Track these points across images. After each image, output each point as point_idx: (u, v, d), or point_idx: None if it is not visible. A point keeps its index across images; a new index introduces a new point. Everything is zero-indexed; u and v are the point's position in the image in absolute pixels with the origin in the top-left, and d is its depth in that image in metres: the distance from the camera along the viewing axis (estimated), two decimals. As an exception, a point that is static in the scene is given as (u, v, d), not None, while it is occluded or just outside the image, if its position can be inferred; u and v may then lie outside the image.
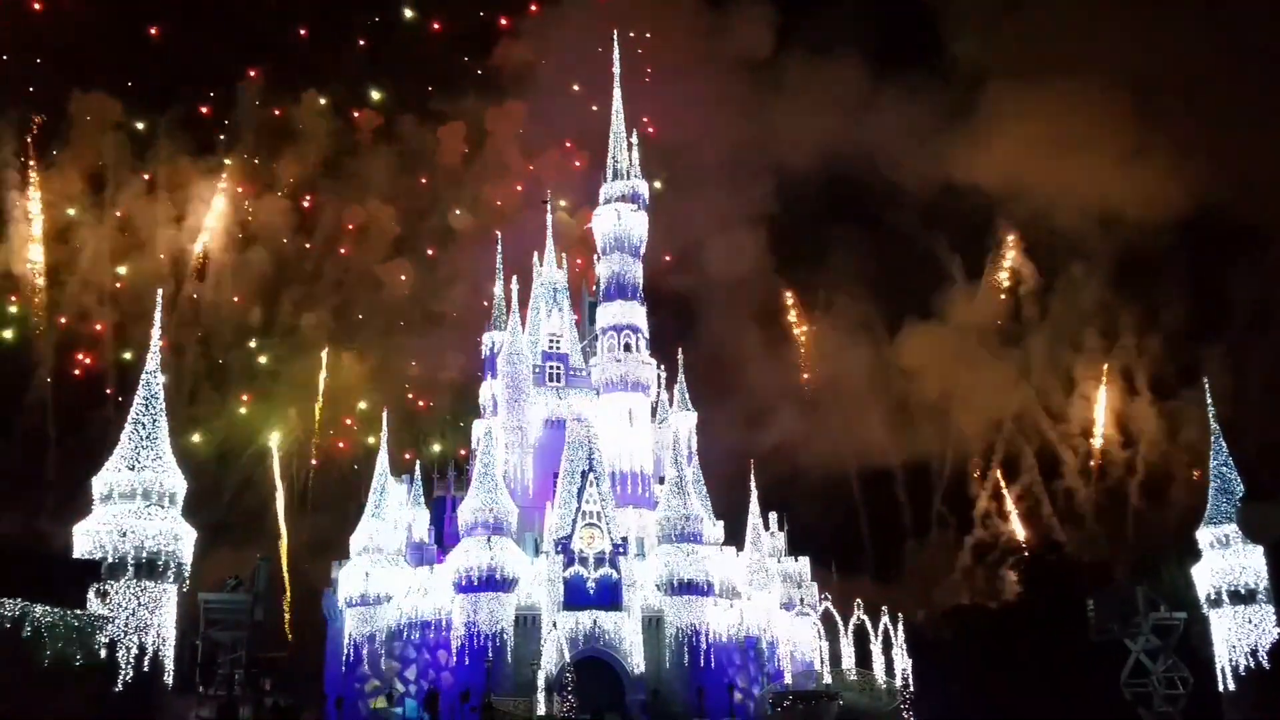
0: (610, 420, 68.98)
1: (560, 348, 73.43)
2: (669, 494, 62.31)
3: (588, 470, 61.88)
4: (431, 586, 60.67)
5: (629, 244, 72.86)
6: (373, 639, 60.54)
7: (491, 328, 76.45)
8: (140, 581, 45.01)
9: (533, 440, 68.83)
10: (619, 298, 71.86)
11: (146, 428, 47.96)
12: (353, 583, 61.79)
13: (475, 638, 56.97)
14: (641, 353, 71.38)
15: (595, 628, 58.07)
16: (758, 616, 63.30)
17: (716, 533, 66.48)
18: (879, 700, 60.17)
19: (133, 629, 43.03)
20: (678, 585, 59.85)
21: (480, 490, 59.63)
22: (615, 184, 73.93)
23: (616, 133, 75.65)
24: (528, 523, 63.46)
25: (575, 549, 59.85)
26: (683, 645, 59.09)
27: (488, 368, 75.23)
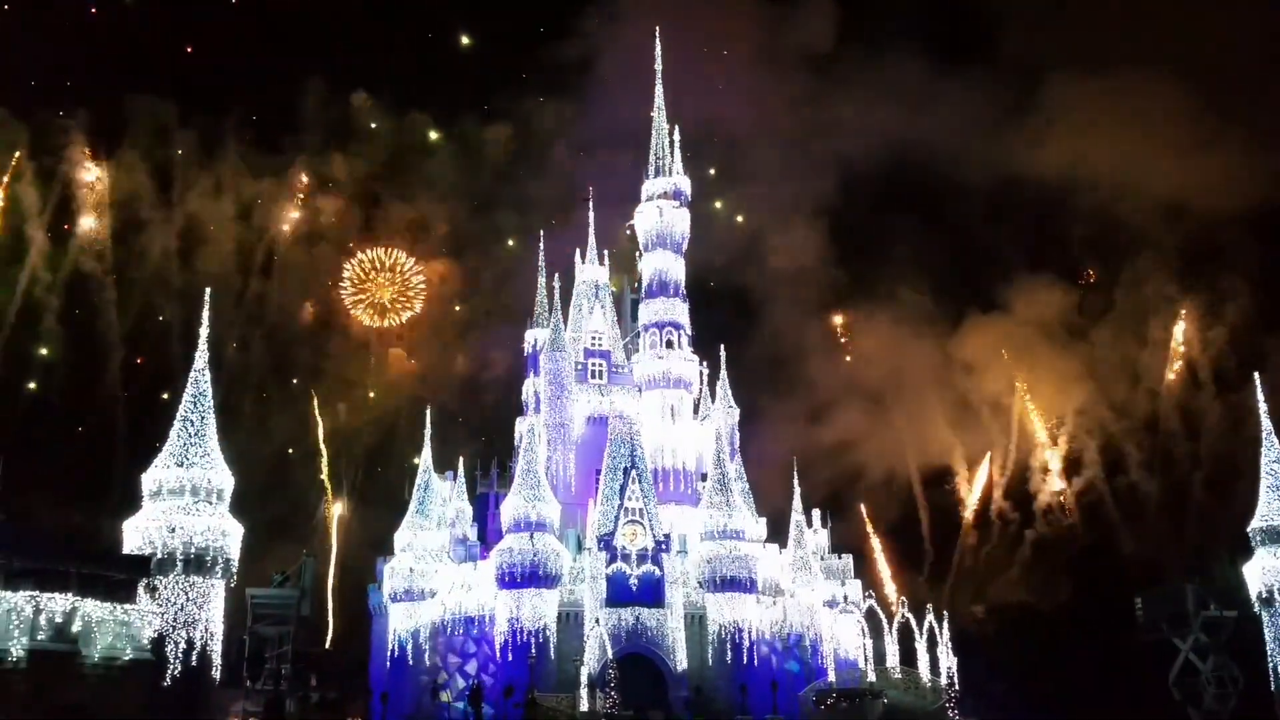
0: (652, 417, 68.97)
1: (602, 345, 73.59)
2: (711, 491, 62.11)
3: (630, 467, 61.86)
4: (475, 583, 61.07)
5: (671, 241, 72.73)
6: (417, 635, 61.13)
7: (534, 325, 76.75)
8: (189, 577, 45.55)
9: (575, 437, 69.06)
10: (661, 295, 71.79)
11: (195, 425, 48.59)
12: (397, 579, 62.40)
13: (518, 634, 57.27)
14: (684, 349, 71.25)
15: (638, 624, 58.09)
16: (801, 614, 62.99)
17: (759, 530, 66.25)
18: (924, 699, 59.52)
19: (181, 624, 43.67)
20: (720, 582, 59.68)
21: (523, 487, 59.86)
22: (657, 181, 73.82)
23: (659, 129, 75.54)
24: (570, 519, 63.65)
25: (618, 546, 59.88)
26: (725, 642, 58.96)
27: (530, 365, 75.54)
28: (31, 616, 35.98)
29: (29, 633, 35.69)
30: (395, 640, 62.05)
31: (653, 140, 75.29)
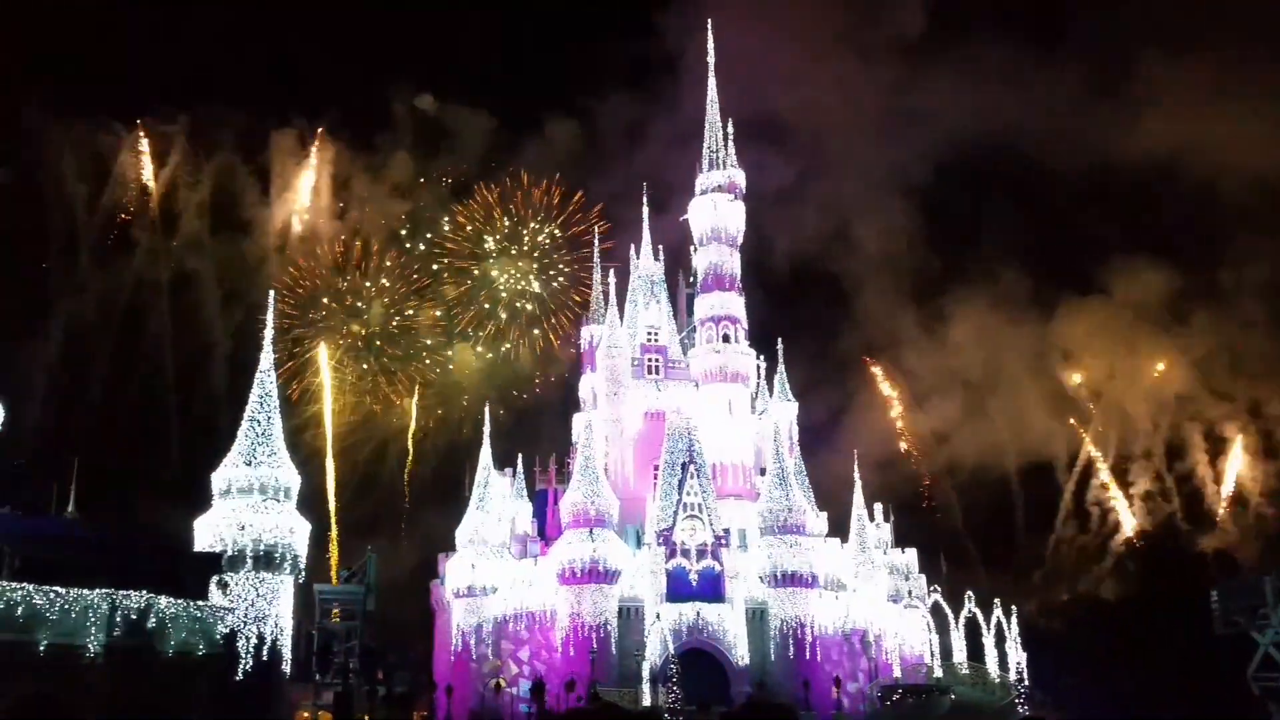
0: (710, 412, 68.69)
1: (658, 340, 73.41)
2: (770, 485, 61.75)
3: (688, 462, 61.76)
4: (536, 578, 61.36)
5: (726, 234, 72.40)
6: (479, 629, 61.55)
7: (590, 321, 76.82)
8: (258, 573, 46.13)
9: (632, 433, 69.05)
10: (716, 288, 71.50)
11: (261, 424, 49.30)
12: (460, 574, 62.90)
13: (579, 629, 57.46)
14: (740, 343, 70.91)
15: (699, 619, 58.00)
16: (864, 609, 62.39)
17: (820, 524, 65.71)
18: (992, 694, 58.66)
19: (252, 619, 44.30)
20: (781, 577, 59.32)
21: (581, 483, 60.02)
22: (711, 174, 73.51)
23: (712, 123, 75.18)
24: (629, 515, 63.61)
25: (677, 541, 59.81)
26: (787, 638, 58.56)
27: (587, 361, 75.67)
28: (108, 613, 36.79)
29: (105, 629, 36.50)
30: (458, 635, 62.56)
31: (706, 134, 74.95)
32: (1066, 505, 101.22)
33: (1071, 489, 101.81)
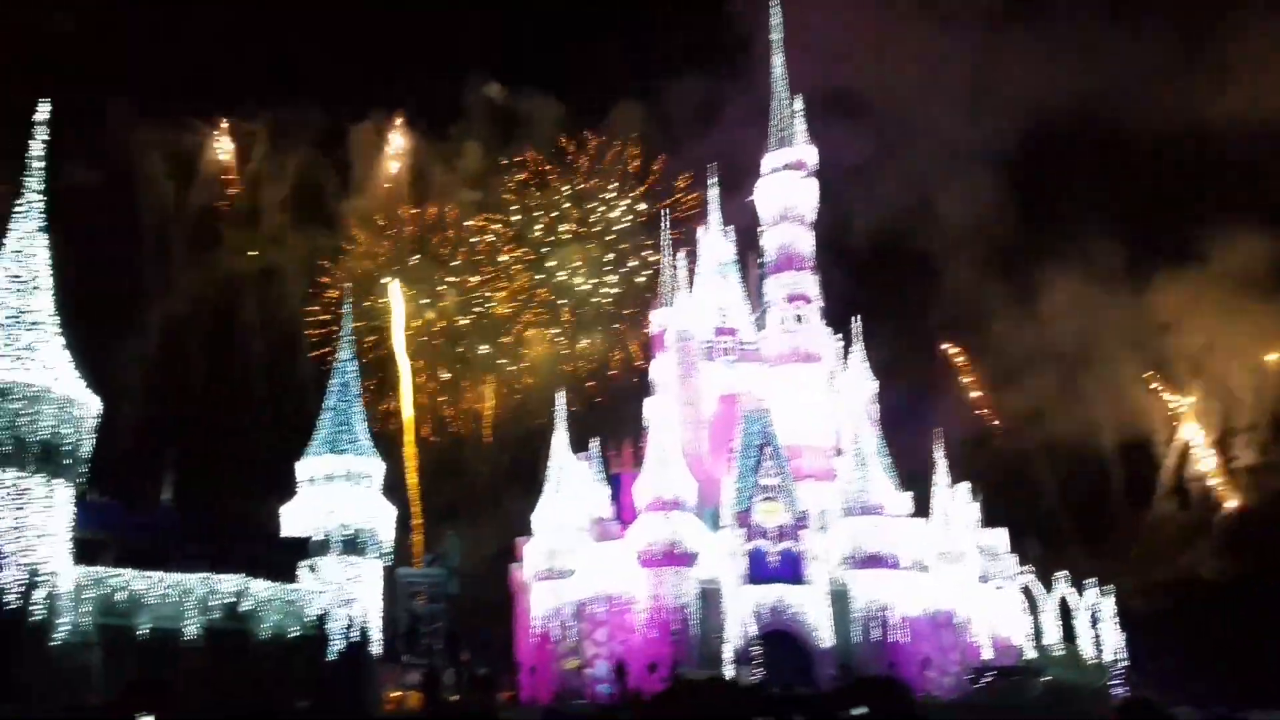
0: (784, 392, 68.05)
1: (730, 322, 72.89)
2: (849, 466, 61.10)
3: (764, 444, 61.36)
4: (614, 561, 61.51)
5: (797, 213, 71.52)
6: (559, 612, 62.01)
7: (660, 305, 76.72)
8: (345, 558, 46.96)
9: (706, 416, 68.73)
10: (788, 268, 70.77)
11: (343, 413, 50.21)
12: (538, 558, 63.41)
13: (659, 611, 57.49)
14: (815, 323, 70.12)
15: (779, 601, 57.70)
16: (951, 590, 61.42)
17: (903, 505, 64.80)
18: (1087, 675, 57.12)
19: (341, 602, 45.20)
20: (862, 558, 58.65)
21: (656, 467, 59.99)
22: (780, 152, 72.66)
23: (779, 100, 74.29)
24: (706, 498, 63.38)
25: (755, 523, 59.51)
26: (871, 620, 57.93)
27: (658, 345, 75.57)
28: (205, 597, 37.99)
29: (203, 612, 37.70)
30: (539, 617, 63.13)
31: (773, 111, 74.10)
32: (1165, 481, 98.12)
33: (1171, 465, 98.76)
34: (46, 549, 32.69)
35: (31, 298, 35.25)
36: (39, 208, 36.31)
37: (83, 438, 35.06)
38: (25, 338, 34.30)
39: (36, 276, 35.72)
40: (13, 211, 36.65)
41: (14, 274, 35.29)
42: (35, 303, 35.33)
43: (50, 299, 36.00)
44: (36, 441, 32.79)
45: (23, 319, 34.71)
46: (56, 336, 35.59)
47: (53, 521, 33.23)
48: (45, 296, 35.89)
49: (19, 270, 35.37)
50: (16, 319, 34.63)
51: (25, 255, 35.65)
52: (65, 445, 33.82)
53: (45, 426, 33.22)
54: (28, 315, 34.90)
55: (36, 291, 35.55)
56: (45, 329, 35.19)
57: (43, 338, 34.84)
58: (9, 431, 32.34)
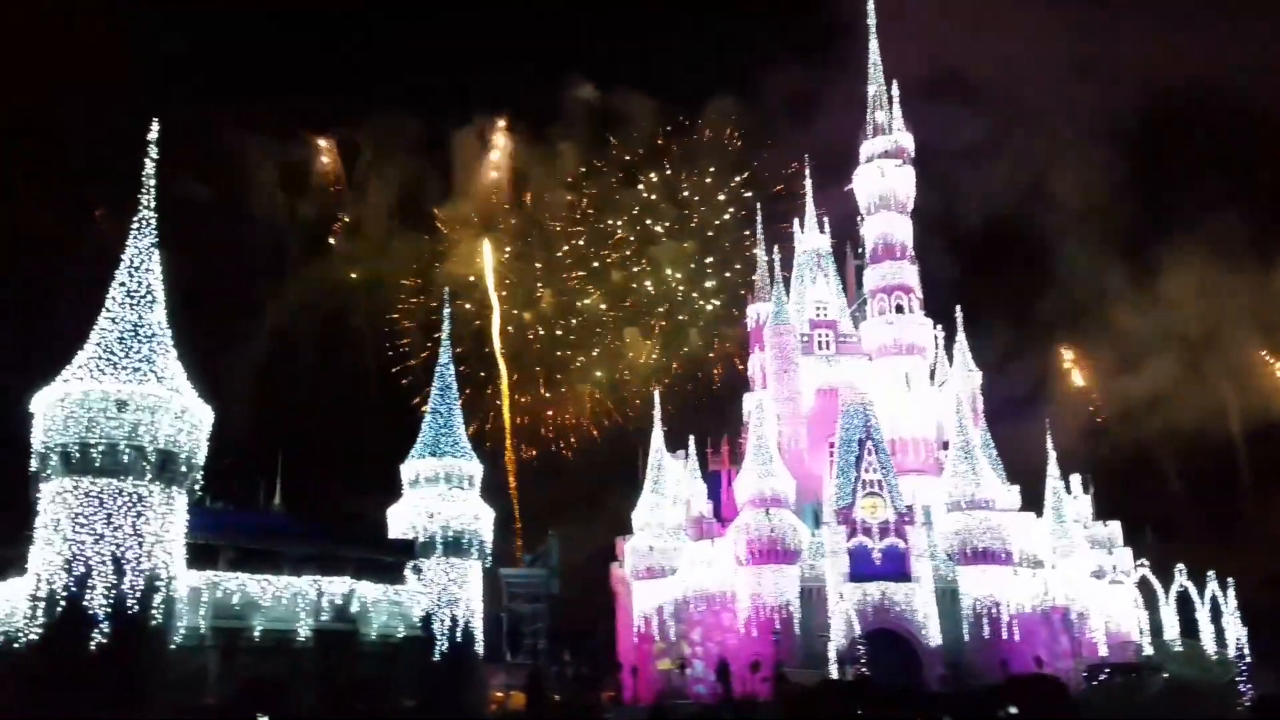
0: (885, 385, 66.93)
1: (827, 314, 71.94)
2: (955, 459, 59.62)
3: (865, 438, 60.31)
4: (714, 559, 61.24)
5: (895, 201, 70.21)
6: (660, 611, 61.96)
7: (756, 299, 75.95)
8: (448, 559, 47.46)
9: (805, 410, 67.94)
10: (887, 258, 69.48)
11: (444, 416, 50.66)
12: (638, 556, 63.48)
13: (761, 610, 57.01)
14: (915, 313, 68.71)
15: (884, 599, 56.61)
16: (1064, 586, 59.49)
17: (1011, 498, 63.04)
18: (1210, 672, 54.66)
19: (445, 603, 45.74)
20: (971, 554, 57.21)
21: (755, 463, 59.47)
22: (876, 140, 71.34)
23: (876, 87, 72.88)
24: (805, 494, 62.66)
25: (858, 519, 58.55)
26: (981, 617, 56.47)
27: (755, 340, 74.94)
28: (315, 599, 38.77)
29: (314, 614, 38.49)
30: (639, 616, 63.20)
31: (870, 99, 72.75)
32: None
33: None
34: (163, 555, 33.70)
35: (147, 311, 36.32)
36: (152, 224, 37.45)
37: (198, 446, 36.07)
38: (142, 350, 35.36)
39: (151, 290, 36.79)
40: (128, 229, 37.90)
41: (130, 289, 36.37)
42: (150, 316, 36.39)
43: (164, 312, 37.08)
44: (154, 451, 33.78)
45: (139, 332, 35.78)
46: (171, 348, 36.64)
47: (169, 528, 34.23)
48: (160, 309, 36.94)
49: (134, 285, 36.45)
50: (134, 332, 35.68)
51: (140, 270, 36.71)
52: (181, 454, 34.80)
53: (162, 436, 34.18)
54: (144, 329, 35.98)
55: (152, 305, 36.61)
56: (160, 341, 36.19)
57: (158, 350, 35.83)
58: (128, 442, 33.39)
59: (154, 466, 33.92)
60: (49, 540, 32.50)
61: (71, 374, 34.24)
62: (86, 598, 31.67)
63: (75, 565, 31.95)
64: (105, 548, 32.40)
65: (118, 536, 32.73)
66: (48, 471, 33.25)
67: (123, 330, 35.43)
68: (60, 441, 33.09)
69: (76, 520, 32.52)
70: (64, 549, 32.17)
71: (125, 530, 32.90)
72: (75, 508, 32.65)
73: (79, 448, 32.98)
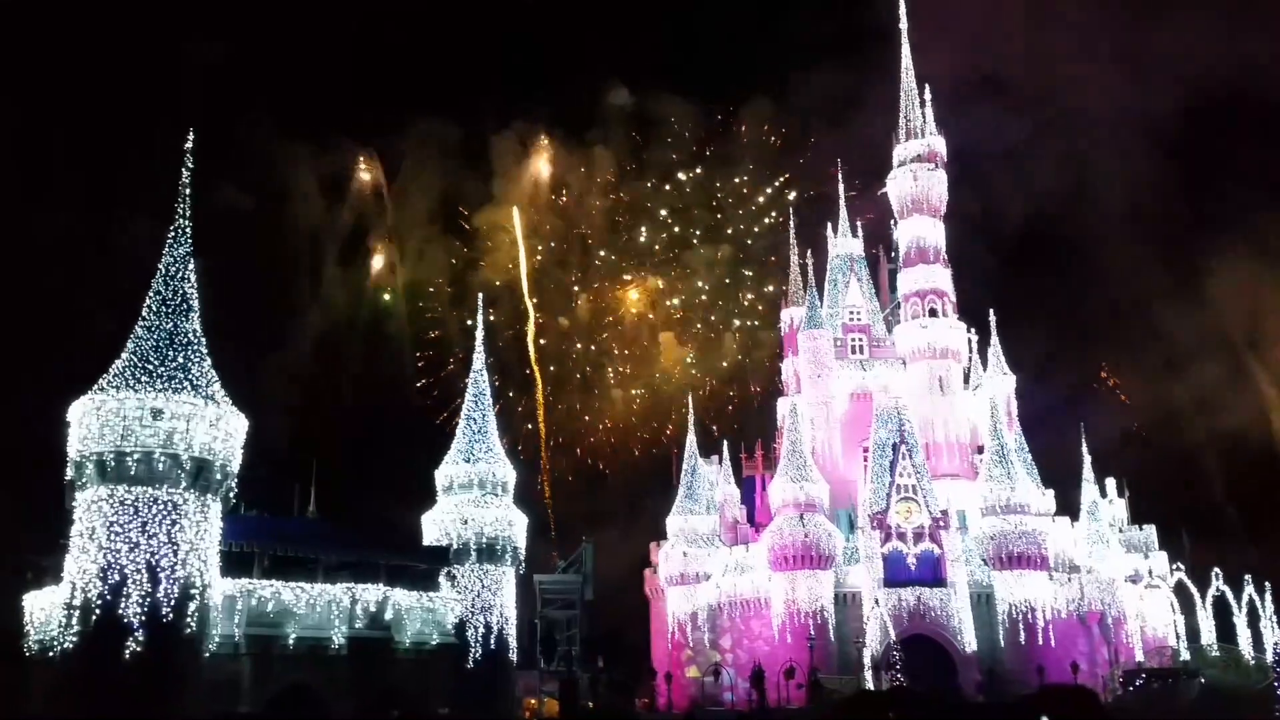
0: (919, 390, 66.45)
1: (860, 319, 71.59)
2: (990, 464, 59.05)
3: (899, 443, 59.87)
4: (748, 565, 61.06)
5: (928, 205, 69.77)
6: (695, 617, 61.82)
7: (789, 304, 75.66)
8: (482, 565, 47.54)
9: (838, 415, 67.62)
10: (920, 262, 69.02)
11: (478, 423, 50.74)
12: (672, 562, 63.39)
13: (795, 615, 56.79)
14: (949, 317, 68.19)
15: (920, 604, 56.14)
16: (1100, 590, 58.75)
17: (1046, 503, 62.31)
18: (1247, 677, 53.74)
19: (479, 610, 45.84)
20: (1006, 559, 56.69)
21: (789, 468, 59.22)
22: (909, 144, 70.95)
23: (908, 91, 72.45)
24: (839, 499, 62.33)
25: (892, 524, 58.10)
26: (1017, 622, 55.92)
27: (788, 345, 74.62)
28: (349, 606, 38.96)
29: (348, 621, 38.68)
30: (674, 622, 63.09)
31: (902, 103, 72.34)
32: None
33: None
34: (198, 563, 34.00)
35: (182, 320, 36.64)
36: (188, 233, 37.82)
37: (232, 454, 36.38)
38: (177, 359, 35.69)
39: (187, 299, 37.13)
40: (165, 238, 38.30)
41: (165, 298, 36.73)
42: (186, 325, 36.70)
43: (199, 321, 37.41)
44: (189, 459, 34.10)
45: (175, 341, 36.09)
46: (206, 357, 36.95)
47: (204, 536, 34.53)
48: (195, 318, 37.25)
49: (170, 294, 36.81)
50: (169, 341, 36.01)
51: (176, 279, 37.04)
52: (216, 461, 35.11)
53: (197, 444, 34.50)
54: (179, 337, 36.31)
55: (187, 314, 36.93)
56: (196, 349, 36.47)
57: (193, 358, 36.10)
58: (163, 450, 33.74)
59: (189, 475, 34.20)
60: (84, 549, 32.85)
61: (107, 383, 34.64)
62: (121, 606, 31.93)
63: (110, 574, 32.26)
64: (140, 556, 32.69)
65: (152, 545, 32.98)
66: (83, 480, 33.61)
67: (158, 339, 35.75)
68: (96, 450, 33.44)
69: (112, 529, 32.84)
70: (99, 558, 32.50)
71: (160, 538, 33.18)
72: (110, 516, 32.98)
73: (114, 456, 33.31)
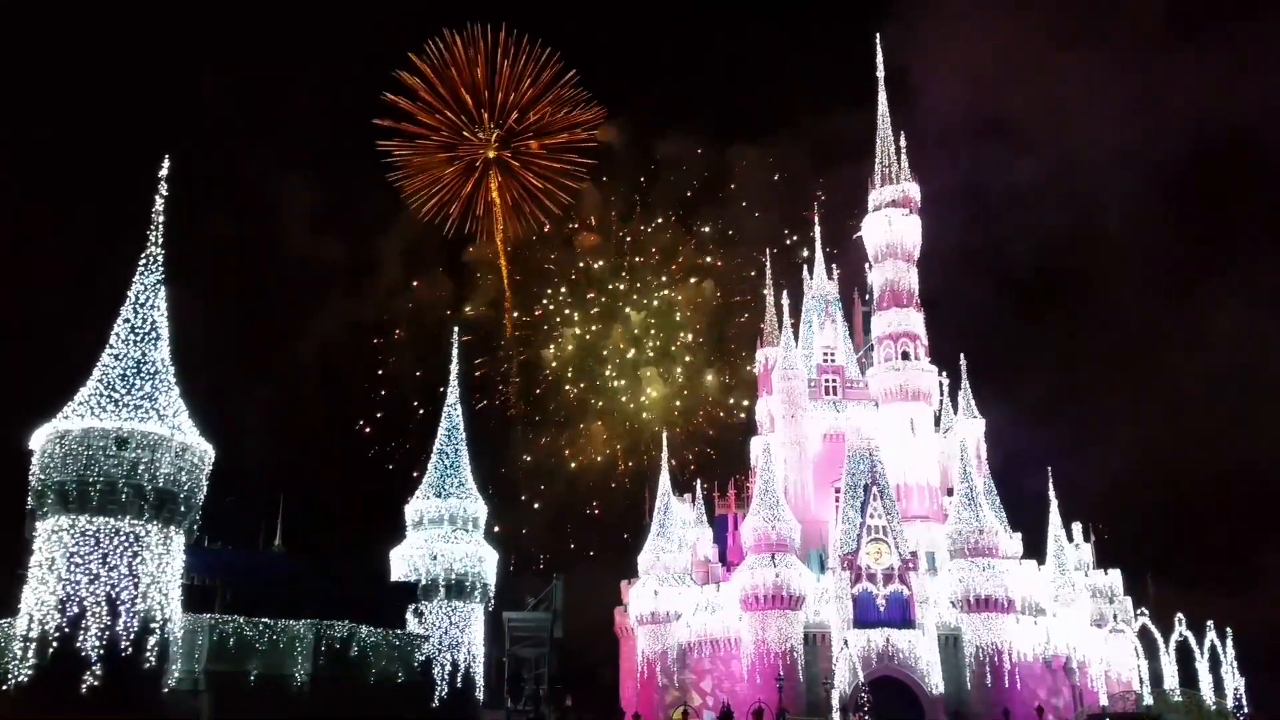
0: (891, 432, 66.79)
1: (835, 360, 72.04)
2: (959, 506, 59.35)
3: (870, 484, 60.07)
4: (719, 604, 60.91)
5: (902, 250, 70.64)
6: (665, 656, 61.48)
7: (764, 344, 76.11)
8: (450, 602, 47.17)
9: (811, 455, 67.86)
10: (894, 305, 69.70)
11: (450, 457, 50.50)
12: (643, 601, 63.08)
13: (765, 655, 56.64)
14: (921, 360, 68.80)
15: (888, 646, 56.08)
16: (1065, 634, 58.97)
17: (1014, 546, 62.64)
18: (1208, 721, 54.00)
19: (446, 647, 45.39)
20: (974, 601, 56.85)
21: (762, 508, 59.28)
22: (885, 190, 71.89)
23: (883, 136, 73.50)
24: (811, 539, 62.45)
25: (862, 565, 58.16)
26: (984, 665, 55.99)
27: (763, 384, 74.95)
28: (313, 642, 38.43)
29: (311, 658, 38.15)
30: (643, 662, 62.70)
31: (878, 148, 73.40)
32: None
33: None
34: (159, 596, 33.50)
35: (151, 348, 36.31)
36: (159, 260, 37.58)
37: (198, 485, 35.99)
38: (144, 388, 35.35)
39: (156, 327, 36.84)
40: (134, 266, 38.07)
41: (135, 325, 36.47)
42: (154, 353, 36.37)
43: (168, 349, 37.09)
44: (153, 490, 33.72)
45: (142, 369, 35.74)
46: (174, 386, 36.62)
47: (166, 568, 34.06)
48: (164, 347, 36.93)
49: (139, 322, 36.54)
50: (136, 369, 35.67)
51: (146, 307, 36.76)
52: (180, 493, 34.71)
53: (162, 475, 34.09)
54: (147, 366, 35.97)
55: (156, 342, 36.63)
56: (163, 379, 36.09)
57: (160, 387, 35.73)
58: (127, 480, 33.36)
59: (152, 506, 33.76)
60: (43, 579, 32.30)
61: (72, 410, 34.32)
62: (79, 639, 31.37)
63: (69, 605, 31.72)
64: (100, 588, 32.18)
65: (113, 577, 32.50)
66: (44, 509, 33.10)
67: (125, 367, 35.42)
68: (58, 479, 32.95)
69: (72, 560, 32.34)
70: (58, 589, 31.97)
71: (121, 570, 32.74)
72: (71, 547, 32.49)
73: (77, 485, 32.87)
